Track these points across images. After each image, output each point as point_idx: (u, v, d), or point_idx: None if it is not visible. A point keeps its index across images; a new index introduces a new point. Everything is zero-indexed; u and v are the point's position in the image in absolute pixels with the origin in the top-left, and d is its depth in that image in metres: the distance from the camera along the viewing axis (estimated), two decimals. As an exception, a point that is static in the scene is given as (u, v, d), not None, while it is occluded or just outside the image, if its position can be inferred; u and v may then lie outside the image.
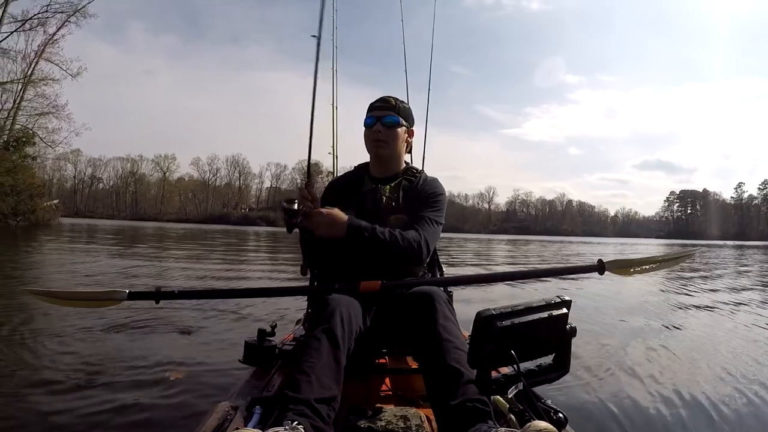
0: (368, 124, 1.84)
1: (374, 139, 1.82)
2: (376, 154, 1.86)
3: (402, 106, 1.85)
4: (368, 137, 1.84)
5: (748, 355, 3.39)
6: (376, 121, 1.81)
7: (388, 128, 1.81)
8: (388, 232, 1.62)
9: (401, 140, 1.85)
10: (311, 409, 1.14)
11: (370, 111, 1.85)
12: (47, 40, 27.24)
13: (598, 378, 2.72)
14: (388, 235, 1.60)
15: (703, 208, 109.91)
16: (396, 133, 1.82)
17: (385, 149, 1.83)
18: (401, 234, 1.63)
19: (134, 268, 8.04)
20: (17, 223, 24.70)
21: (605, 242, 48.82)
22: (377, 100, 1.86)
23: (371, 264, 1.64)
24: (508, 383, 1.10)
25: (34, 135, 27.36)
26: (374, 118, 1.82)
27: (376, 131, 1.81)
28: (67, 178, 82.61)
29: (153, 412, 2.04)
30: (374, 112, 1.83)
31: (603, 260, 1.57)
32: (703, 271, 11.49)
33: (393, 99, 1.85)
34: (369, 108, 1.86)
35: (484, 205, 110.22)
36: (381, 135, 1.80)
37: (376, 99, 1.87)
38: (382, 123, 1.80)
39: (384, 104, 1.83)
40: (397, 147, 1.85)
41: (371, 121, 1.82)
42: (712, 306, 5.87)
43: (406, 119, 1.86)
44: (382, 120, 1.81)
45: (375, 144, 1.82)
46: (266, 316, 4.06)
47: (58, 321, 3.63)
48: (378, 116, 1.81)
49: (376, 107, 1.84)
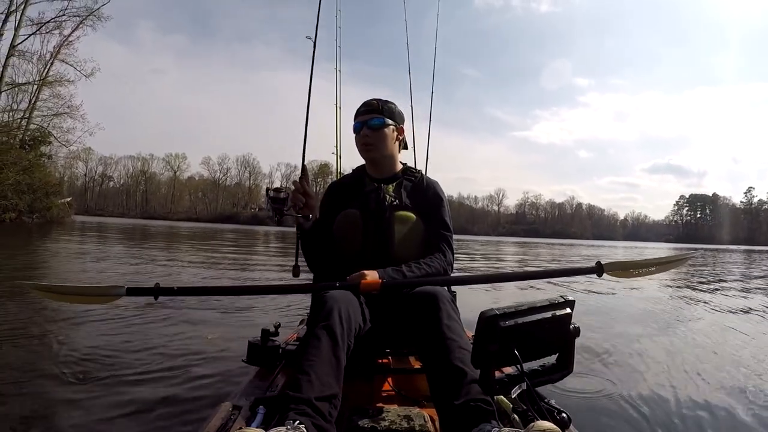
0: (356, 130, 1.86)
1: (363, 143, 1.84)
2: (368, 158, 1.89)
3: (386, 107, 1.86)
4: (358, 142, 1.87)
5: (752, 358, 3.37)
6: (362, 125, 1.83)
7: (374, 131, 1.82)
8: (417, 269, 1.65)
9: (390, 140, 1.86)
10: (313, 408, 1.14)
11: (356, 117, 1.87)
12: (62, 42, 27.93)
13: (601, 378, 2.71)
14: (420, 273, 1.64)
15: (712, 212, 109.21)
16: (383, 134, 1.83)
17: (375, 152, 1.85)
18: (428, 265, 1.67)
19: (149, 265, 8.13)
20: (32, 220, 25.35)
21: (614, 245, 48.56)
22: (361, 105, 1.88)
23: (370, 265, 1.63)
24: (512, 383, 1.09)
25: (49, 134, 27.92)
26: (360, 123, 1.84)
27: (363, 135, 1.83)
28: (78, 176, 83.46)
29: (156, 412, 2.04)
30: (360, 118, 1.85)
31: (601, 262, 1.56)
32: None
33: (377, 101, 1.87)
34: (355, 114, 1.89)
35: (493, 207, 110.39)
36: (369, 138, 1.83)
37: (360, 104, 1.89)
38: (368, 126, 1.82)
39: (367, 108, 1.85)
40: (387, 147, 1.86)
41: (358, 126, 1.85)
42: (717, 309, 5.82)
43: (392, 118, 1.86)
44: (368, 123, 1.82)
45: (365, 148, 1.85)
46: (270, 316, 4.07)
47: (57, 317, 3.67)
48: (363, 121, 1.83)
49: (360, 112, 1.86)
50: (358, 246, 1.77)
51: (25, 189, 24.64)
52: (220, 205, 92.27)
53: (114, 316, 3.71)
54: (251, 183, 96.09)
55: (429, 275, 1.65)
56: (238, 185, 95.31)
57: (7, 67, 25.92)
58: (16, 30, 26.08)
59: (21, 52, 26.58)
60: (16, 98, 27.03)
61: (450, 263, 1.75)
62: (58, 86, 27.60)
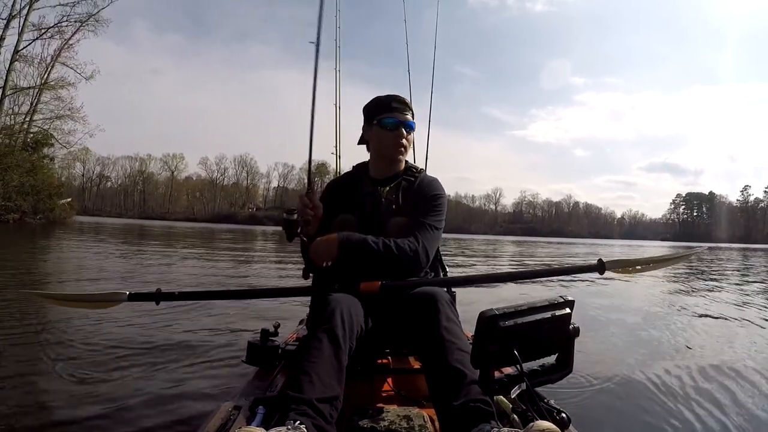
0: (390, 126, 1.70)
1: (399, 144, 1.71)
2: (394, 159, 1.76)
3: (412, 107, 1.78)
4: (389, 139, 1.72)
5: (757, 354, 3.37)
6: (399, 123, 1.70)
7: (409, 133, 1.74)
8: (382, 242, 1.55)
9: None
10: (313, 409, 1.13)
11: (389, 110, 1.70)
12: (63, 45, 28.23)
13: (601, 378, 2.71)
14: (382, 246, 1.55)
15: (709, 210, 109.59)
16: (413, 138, 1.76)
17: (406, 154, 1.77)
18: (396, 243, 1.56)
19: (150, 266, 8.10)
20: (35, 221, 25.57)
21: (612, 244, 48.61)
22: (394, 99, 1.73)
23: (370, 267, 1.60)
24: (511, 383, 1.09)
25: (50, 137, 28.18)
26: (397, 120, 1.70)
27: (400, 134, 1.70)
28: (75, 177, 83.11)
29: (155, 413, 2.04)
30: (396, 114, 1.70)
31: (603, 260, 1.56)
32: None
33: (405, 99, 1.76)
34: (384, 105, 1.72)
35: (490, 206, 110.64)
36: (406, 141, 1.72)
37: (387, 94, 1.75)
38: (407, 127, 1.71)
39: (403, 105, 1.72)
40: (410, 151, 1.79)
41: (395, 123, 1.70)
42: (718, 309, 5.82)
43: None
44: (407, 124, 1.71)
45: (399, 150, 1.72)
46: (269, 316, 4.06)
47: (58, 319, 3.66)
48: (401, 119, 1.70)
49: (396, 108, 1.71)
50: None
51: (29, 190, 25.05)
52: (217, 204, 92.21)
53: (114, 316, 3.69)
54: (249, 183, 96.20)
55: (392, 253, 1.54)
56: (236, 185, 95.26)
57: (11, 72, 26.30)
58: (19, 35, 26.48)
59: (25, 57, 26.92)
60: (18, 101, 27.41)
61: (417, 251, 1.58)
62: (60, 89, 27.89)
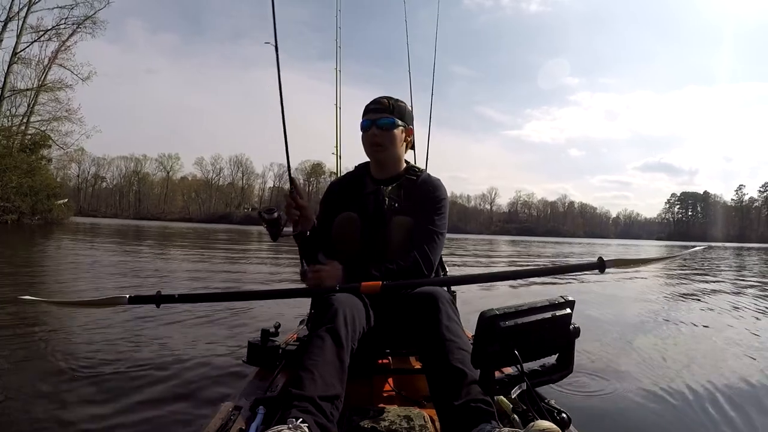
0: (364, 127, 1.80)
1: (371, 143, 1.79)
2: (374, 159, 1.84)
3: (397, 106, 1.80)
4: (365, 141, 1.81)
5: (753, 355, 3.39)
6: (371, 124, 1.77)
7: (384, 131, 1.77)
8: (384, 270, 1.58)
9: (399, 141, 1.81)
10: (315, 407, 1.13)
11: (365, 114, 1.80)
12: (60, 47, 28.25)
13: (601, 378, 2.71)
14: (384, 273, 1.58)
15: (703, 210, 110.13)
16: (393, 135, 1.78)
17: (383, 152, 1.80)
18: (398, 264, 1.61)
19: (148, 266, 8.07)
20: (33, 222, 25.55)
21: (607, 243, 48.71)
22: (371, 102, 1.81)
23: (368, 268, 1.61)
24: (512, 383, 1.10)
25: (48, 138, 28.14)
26: (369, 121, 1.78)
27: (372, 135, 1.77)
28: (70, 177, 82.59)
29: (156, 413, 2.04)
30: (369, 115, 1.79)
31: (603, 258, 1.57)
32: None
33: (387, 99, 1.81)
34: (364, 110, 1.81)
35: (486, 206, 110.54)
36: (378, 138, 1.77)
37: (370, 101, 1.83)
38: (378, 126, 1.77)
39: (378, 106, 1.79)
40: (395, 148, 1.80)
41: (367, 124, 1.79)
42: (718, 309, 5.86)
43: (403, 118, 1.81)
44: (377, 123, 1.77)
45: (373, 148, 1.80)
46: (270, 316, 4.06)
47: (58, 319, 3.64)
48: (373, 119, 1.77)
49: (370, 109, 1.79)
50: (356, 249, 1.75)
51: (27, 191, 25.04)
52: (213, 205, 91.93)
53: (114, 316, 3.69)
54: (244, 183, 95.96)
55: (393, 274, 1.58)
56: (231, 185, 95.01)
57: (10, 74, 26.36)
58: (18, 38, 26.55)
59: (23, 59, 26.97)
60: (15, 102, 27.40)
61: (428, 258, 1.65)
62: (57, 90, 27.86)
